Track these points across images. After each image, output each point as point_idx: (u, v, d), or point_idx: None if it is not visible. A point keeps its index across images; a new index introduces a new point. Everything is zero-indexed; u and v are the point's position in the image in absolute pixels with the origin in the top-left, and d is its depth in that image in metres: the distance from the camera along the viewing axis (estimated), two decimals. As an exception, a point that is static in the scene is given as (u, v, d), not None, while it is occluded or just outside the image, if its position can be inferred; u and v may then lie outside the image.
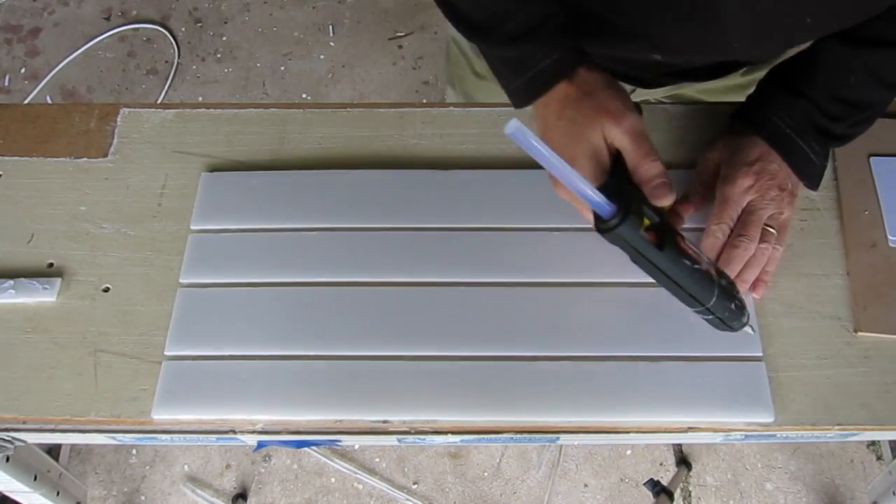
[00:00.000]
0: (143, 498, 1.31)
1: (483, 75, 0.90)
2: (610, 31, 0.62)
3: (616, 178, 0.57)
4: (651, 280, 0.66)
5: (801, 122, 0.64)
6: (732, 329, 0.60)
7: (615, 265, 0.67)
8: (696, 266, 0.55)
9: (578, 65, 0.59)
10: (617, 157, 0.58)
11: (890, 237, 0.69)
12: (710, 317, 0.58)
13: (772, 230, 0.64)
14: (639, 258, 0.53)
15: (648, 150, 0.57)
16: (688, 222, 0.67)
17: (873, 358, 0.64)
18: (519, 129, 0.44)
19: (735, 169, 0.64)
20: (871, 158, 0.73)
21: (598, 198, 0.50)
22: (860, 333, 0.65)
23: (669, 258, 0.53)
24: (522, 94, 0.61)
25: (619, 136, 0.57)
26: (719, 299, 0.56)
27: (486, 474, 1.33)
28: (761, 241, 0.63)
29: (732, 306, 0.58)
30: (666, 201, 0.57)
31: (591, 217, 0.57)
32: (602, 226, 0.51)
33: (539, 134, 0.62)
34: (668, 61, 0.67)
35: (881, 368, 0.64)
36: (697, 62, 0.70)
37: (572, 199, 0.61)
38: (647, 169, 0.57)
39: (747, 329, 0.61)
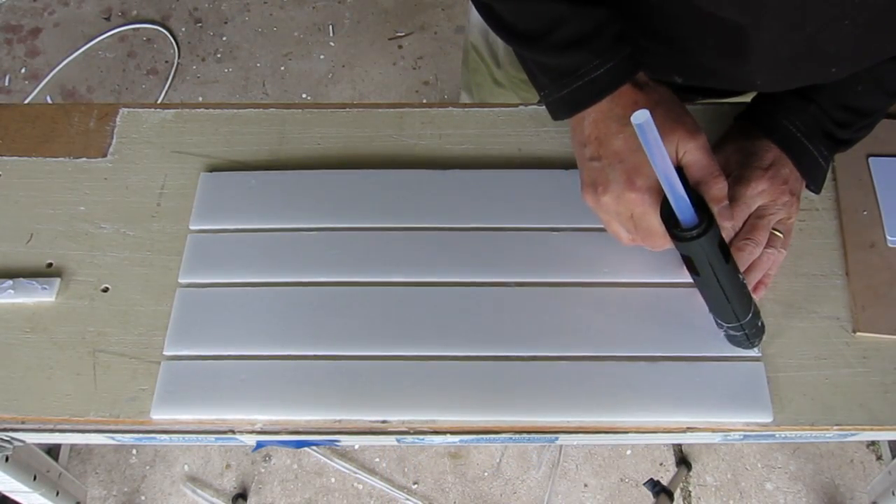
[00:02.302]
0: (143, 498, 1.31)
1: (502, 83, 0.88)
2: (638, 50, 0.61)
3: (691, 190, 0.56)
4: (651, 280, 0.67)
5: (812, 127, 0.64)
6: (752, 345, 0.62)
7: (615, 265, 0.67)
8: (745, 282, 0.56)
9: (635, 73, 0.58)
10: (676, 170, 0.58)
11: (889, 237, 0.69)
12: (740, 332, 0.59)
13: (779, 234, 0.64)
14: (704, 267, 0.53)
15: (720, 170, 0.57)
16: None
17: (872, 358, 0.64)
18: (648, 122, 0.44)
19: (749, 171, 0.64)
20: (870, 159, 0.73)
21: (689, 204, 0.50)
22: (859, 334, 0.65)
23: (730, 272, 0.54)
24: (567, 103, 0.59)
25: (693, 151, 0.56)
26: (753, 316, 0.58)
27: (486, 474, 1.33)
28: (768, 245, 0.63)
29: (759, 324, 0.60)
30: (729, 223, 0.57)
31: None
32: (682, 233, 0.52)
33: (588, 141, 0.60)
34: (688, 84, 0.67)
35: (880, 369, 0.64)
36: (717, 87, 0.70)
37: (615, 218, 0.60)
38: (719, 188, 0.56)
39: (755, 350, 0.63)
